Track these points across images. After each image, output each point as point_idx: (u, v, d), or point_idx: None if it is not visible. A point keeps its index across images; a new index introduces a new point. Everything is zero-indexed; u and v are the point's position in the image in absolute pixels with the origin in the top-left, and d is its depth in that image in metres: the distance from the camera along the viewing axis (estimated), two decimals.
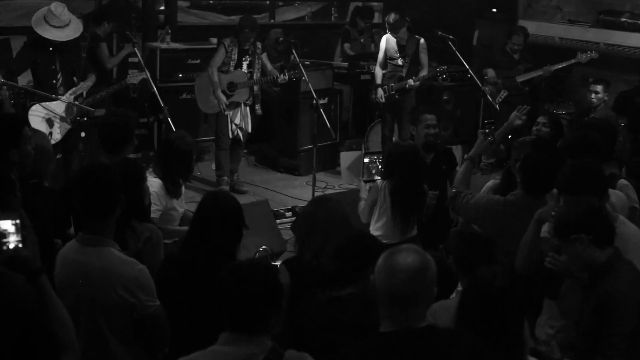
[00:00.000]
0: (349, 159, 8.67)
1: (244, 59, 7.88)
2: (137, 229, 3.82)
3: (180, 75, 8.85)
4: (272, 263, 4.48)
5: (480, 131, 4.99)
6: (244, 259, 3.44)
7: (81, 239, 3.32)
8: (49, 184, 4.65)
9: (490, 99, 8.30)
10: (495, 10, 10.12)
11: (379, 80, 8.33)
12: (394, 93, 8.19)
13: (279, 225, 6.61)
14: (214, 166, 8.25)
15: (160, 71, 8.73)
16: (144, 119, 8.47)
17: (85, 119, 6.83)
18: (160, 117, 7.39)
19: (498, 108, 8.21)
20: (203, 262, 3.57)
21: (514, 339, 2.85)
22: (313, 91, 7.53)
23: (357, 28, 10.72)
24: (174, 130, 6.50)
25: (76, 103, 6.88)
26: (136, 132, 5.41)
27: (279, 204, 7.71)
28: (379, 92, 8.26)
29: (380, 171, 5.56)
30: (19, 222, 2.62)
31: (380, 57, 8.34)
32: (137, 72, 7.37)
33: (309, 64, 8.86)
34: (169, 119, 6.78)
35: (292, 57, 7.83)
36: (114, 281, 3.20)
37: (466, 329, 2.79)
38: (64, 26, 6.81)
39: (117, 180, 3.34)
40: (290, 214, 7.32)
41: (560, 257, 3.53)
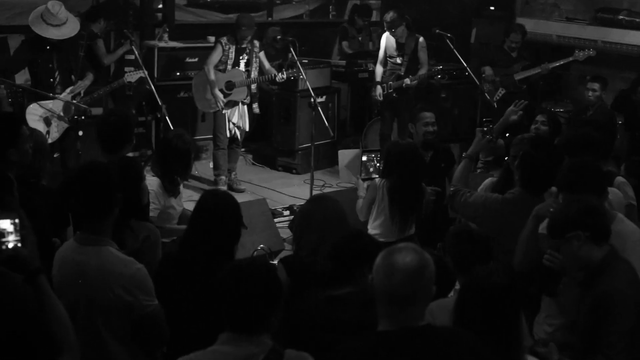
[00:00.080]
0: (347, 156, 8.67)
1: (241, 57, 7.85)
2: (135, 228, 3.81)
3: (178, 74, 8.84)
4: (270, 262, 4.48)
5: (479, 129, 4.98)
6: (244, 258, 3.43)
7: (79, 238, 3.31)
8: (46, 183, 4.65)
9: (488, 97, 8.29)
10: (493, 8, 10.11)
11: (378, 78, 8.33)
12: (391, 92, 8.20)
13: (276, 224, 6.60)
14: (211, 165, 8.24)
15: (158, 69, 8.71)
16: (141, 117, 8.46)
17: (83, 117, 6.81)
18: (158, 115, 7.38)
19: (496, 106, 8.20)
20: (202, 261, 3.56)
21: (511, 336, 2.84)
22: (311, 89, 7.53)
23: (355, 26, 10.71)
24: (172, 128, 6.50)
25: (74, 102, 6.87)
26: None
27: (276, 202, 7.70)
28: (378, 89, 8.27)
29: (379, 169, 5.55)
30: (18, 221, 2.61)
31: (381, 55, 8.34)
32: (135, 71, 7.36)
33: (307, 62, 8.83)
34: (167, 117, 6.77)
35: (290, 55, 7.81)
36: (112, 281, 3.19)
37: (463, 327, 2.79)
38: (61, 25, 6.80)
39: (115, 180, 3.33)
40: (288, 212, 7.32)
41: (559, 255, 3.53)
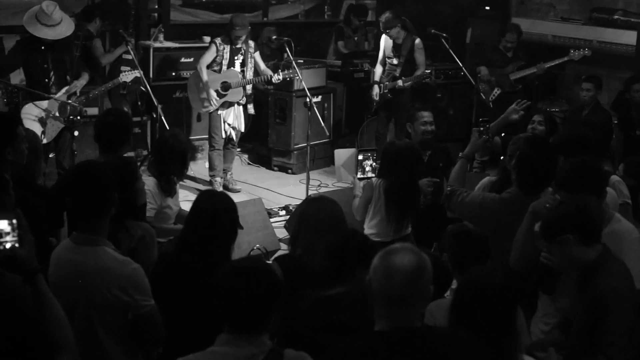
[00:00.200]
0: (343, 156, 8.65)
1: (236, 57, 7.82)
2: (130, 227, 3.80)
3: (173, 74, 8.83)
4: (266, 262, 4.48)
5: (475, 129, 4.97)
6: (241, 258, 3.42)
7: (76, 238, 3.30)
8: (41, 183, 4.64)
9: (484, 97, 8.30)
10: (488, 8, 10.11)
11: (376, 78, 8.34)
12: (386, 92, 8.20)
13: (272, 224, 6.59)
14: (207, 165, 8.23)
15: (153, 70, 8.70)
16: (137, 117, 8.45)
17: (79, 117, 6.80)
18: (154, 115, 7.38)
19: (491, 106, 8.21)
20: (198, 261, 3.55)
21: (507, 336, 2.84)
22: (307, 89, 7.53)
23: (351, 26, 10.72)
24: (167, 128, 6.49)
25: (69, 102, 6.86)
26: None
27: (272, 202, 7.70)
28: (375, 89, 8.28)
29: (375, 169, 5.55)
30: (15, 221, 2.60)
31: (380, 55, 8.34)
32: (130, 70, 7.35)
33: (302, 62, 8.83)
34: (163, 117, 6.76)
35: (286, 55, 7.81)
36: (108, 281, 3.18)
37: (459, 326, 2.78)
38: (56, 25, 6.79)
39: (112, 179, 3.32)
40: (284, 212, 7.32)
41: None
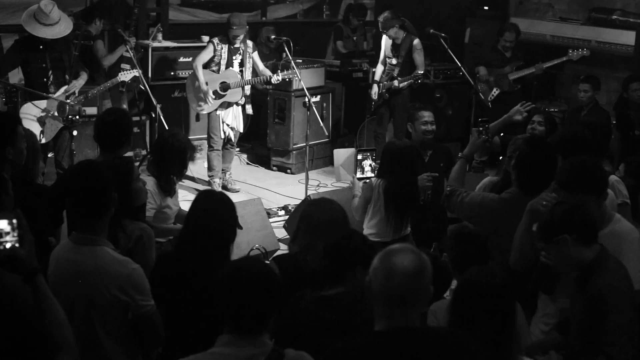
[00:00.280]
0: (342, 156, 8.64)
1: (234, 57, 7.81)
2: (128, 227, 3.80)
3: (172, 73, 8.83)
4: (265, 261, 4.48)
5: (474, 129, 4.97)
6: (241, 258, 3.42)
7: (75, 238, 3.30)
8: (40, 182, 4.64)
9: (482, 97, 8.30)
10: (486, 8, 10.11)
11: (376, 77, 8.35)
12: (384, 92, 8.20)
13: (271, 224, 6.58)
14: (205, 164, 8.23)
15: (152, 69, 8.70)
16: (136, 117, 8.44)
17: (77, 117, 6.79)
18: (153, 115, 7.37)
19: (490, 106, 8.22)
20: (197, 261, 3.55)
21: (506, 336, 2.84)
22: (305, 89, 7.52)
23: (349, 26, 10.71)
24: (166, 128, 6.48)
25: (68, 101, 6.85)
26: None
27: (271, 202, 7.69)
28: (374, 88, 8.29)
29: (374, 168, 5.55)
30: (15, 221, 2.60)
31: (382, 55, 8.34)
32: (129, 70, 7.33)
33: (301, 61, 8.83)
34: (162, 117, 6.75)
35: (284, 55, 7.80)
36: (108, 281, 3.18)
37: (458, 326, 2.79)
38: (54, 24, 6.78)
39: (111, 179, 3.31)
40: (283, 212, 7.30)
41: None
